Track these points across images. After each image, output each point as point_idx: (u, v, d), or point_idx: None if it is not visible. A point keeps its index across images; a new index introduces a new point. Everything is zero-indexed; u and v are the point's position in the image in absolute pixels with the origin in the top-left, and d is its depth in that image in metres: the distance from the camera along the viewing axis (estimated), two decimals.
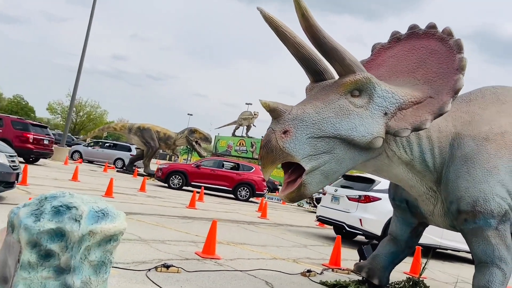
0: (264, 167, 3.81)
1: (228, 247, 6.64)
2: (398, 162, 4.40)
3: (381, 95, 4.00)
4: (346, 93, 3.91)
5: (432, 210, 4.80)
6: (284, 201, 4.01)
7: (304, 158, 3.73)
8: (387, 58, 4.82)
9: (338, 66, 3.96)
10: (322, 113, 3.83)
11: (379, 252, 5.39)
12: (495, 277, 4.28)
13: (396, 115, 4.05)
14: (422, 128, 3.94)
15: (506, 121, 4.68)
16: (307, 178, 3.79)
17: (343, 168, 4.00)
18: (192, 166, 17.27)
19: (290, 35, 3.88)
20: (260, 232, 8.98)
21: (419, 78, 4.36)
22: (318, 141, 3.78)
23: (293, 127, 3.72)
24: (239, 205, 14.95)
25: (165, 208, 10.23)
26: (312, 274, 5.65)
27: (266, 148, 3.73)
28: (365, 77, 3.93)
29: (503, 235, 4.36)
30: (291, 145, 3.68)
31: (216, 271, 4.92)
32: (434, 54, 4.34)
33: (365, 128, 3.89)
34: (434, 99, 4.08)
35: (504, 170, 4.41)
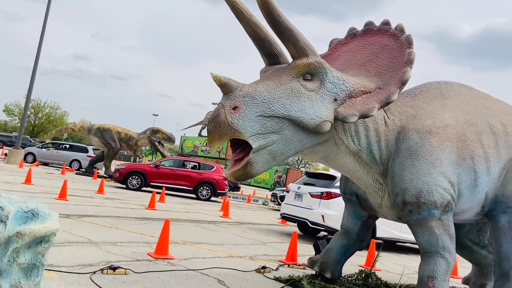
0: (211, 142, 3.77)
1: (184, 246, 6.53)
2: (345, 151, 4.46)
3: (332, 81, 4.07)
4: (298, 75, 3.95)
5: (380, 202, 4.90)
6: (229, 179, 3.98)
7: (252, 136, 3.73)
8: (342, 52, 4.91)
9: (292, 48, 3.99)
10: (273, 92, 3.84)
11: (331, 246, 5.45)
12: (439, 266, 4.40)
13: (345, 102, 4.13)
14: (369, 115, 4.02)
15: (448, 115, 4.84)
16: (254, 157, 3.78)
17: (291, 150, 4.02)
18: (151, 166, 16.90)
19: (246, 13, 3.85)
20: (219, 231, 8.91)
21: (371, 70, 4.46)
22: (267, 120, 3.78)
23: (243, 104, 3.71)
24: (201, 205, 14.81)
25: (123, 209, 9.98)
26: (267, 270, 5.64)
27: (214, 122, 3.70)
28: (317, 61, 3.99)
29: (446, 225, 4.49)
30: (240, 121, 3.67)
31: (167, 271, 4.82)
32: (386, 49, 4.45)
33: (314, 111, 3.93)
34: (383, 90, 4.18)
35: (447, 162, 4.55)
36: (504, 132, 5.00)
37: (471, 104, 5.10)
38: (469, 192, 4.71)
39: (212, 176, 17.08)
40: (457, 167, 4.61)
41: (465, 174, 4.66)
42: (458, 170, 4.62)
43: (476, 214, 4.98)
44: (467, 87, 5.45)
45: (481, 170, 4.74)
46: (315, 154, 4.49)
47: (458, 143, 4.68)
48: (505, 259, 4.87)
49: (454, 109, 4.95)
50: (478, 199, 4.81)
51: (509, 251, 4.83)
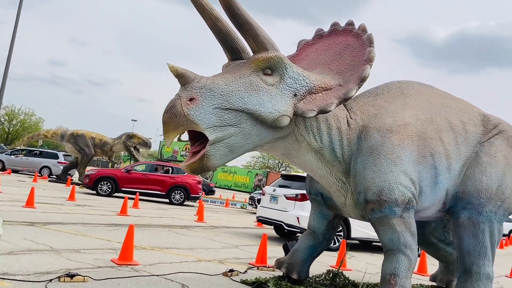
0: (166, 133, 3.72)
1: (152, 252, 6.42)
2: (307, 148, 4.46)
3: (292, 77, 4.09)
4: (257, 69, 3.95)
5: (344, 201, 4.91)
6: (185, 171, 3.95)
7: (209, 128, 3.70)
8: (309, 53, 4.94)
9: (251, 42, 3.99)
10: (231, 85, 3.83)
11: (298, 247, 5.43)
12: (401, 264, 4.43)
13: (306, 97, 4.14)
14: (327, 111, 4.04)
15: (409, 114, 4.89)
16: (210, 149, 3.75)
17: (249, 144, 4.00)
18: (122, 171, 16.55)
19: (207, 6, 3.83)
20: (191, 236, 8.80)
21: (333, 69, 4.50)
22: (225, 112, 3.77)
23: (200, 95, 3.69)
24: (177, 210, 14.64)
25: (93, 216, 9.76)
26: (234, 273, 5.58)
27: (170, 113, 3.65)
28: (277, 56, 3.99)
29: (408, 223, 4.53)
30: (196, 112, 3.64)
31: (129, 278, 4.70)
32: (349, 48, 4.50)
33: (273, 105, 3.93)
34: (343, 87, 4.22)
35: (407, 160, 4.60)
36: (464, 130, 5.09)
37: (431, 103, 5.18)
38: (430, 190, 4.77)
39: (185, 180, 16.86)
40: (418, 164, 4.67)
41: (426, 171, 4.71)
42: (419, 168, 4.67)
43: (437, 211, 5.04)
44: (428, 86, 5.53)
45: (442, 167, 4.81)
46: (276, 150, 4.48)
47: (418, 141, 4.74)
48: (467, 255, 4.95)
49: (414, 108, 5.02)
50: (439, 196, 4.87)
51: (470, 247, 4.90)
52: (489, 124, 5.26)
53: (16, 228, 6.84)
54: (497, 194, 4.91)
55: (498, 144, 5.17)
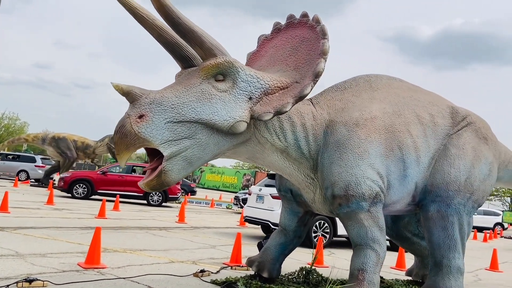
0: (119, 154, 3.61)
1: (123, 254, 6.28)
2: (271, 149, 4.38)
3: (246, 80, 3.97)
4: (208, 77, 3.83)
5: (313, 197, 4.84)
6: (144, 189, 3.82)
7: (163, 144, 3.59)
8: (268, 48, 4.84)
9: (198, 49, 3.87)
10: (182, 97, 3.71)
11: (269, 245, 5.35)
12: (369, 259, 4.37)
13: (262, 99, 4.03)
14: (283, 112, 3.93)
15: (376, 107, 4.84)
16: (167, 165, 3.64)
17: (208, 154, 3.90)
18: (98, 173, 16.26)
19: (148, 17, 3.70)
20: (168, 237, 8.67)
21: (290, 64, 4.40)
22: (178, 126, 3.65)
23: (149, 111, 3.57)
24: (158, 212, 14.48)
25: (69, 220, 9.57)
26: (205, 274, 5.48)
27: (120, 133, 3.54)
28: (227, 60, 3.87)
29: (376, 217, 4.48)
30: (148, 129, 3.52)
31: (93, 281, 4.57)
32: (305, 42, 4.39)
33: (227, 112, 3.82)
34: (299, 84, 4.11)
35: (375, 154, 4.54)
36: (432, 123, 5.06)
37: (400, 96, 5.14)
38: (398, 183, 4.73)
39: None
40: (385, 158, 4.62)
41: (394, 165, 4.67)
42: (387, 162, 4.62)
43: (407, 205, 5.00)
44: (397, 80, 5.49)
45: (410, 160, 4.77)
46: (239, 155, 4.38)
47: (386, 135, 4.69)
48: (437, 248, 4.92)
49: (382, 101, 4.97)
50: (408, 190, 4.83)
51: (440, 240, 4.87)
52: (458, 117, 5.24)
53: None
54: (465, 186, 4.89)
55: (467, 136, 5.15)
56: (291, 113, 4.44)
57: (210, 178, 51.86)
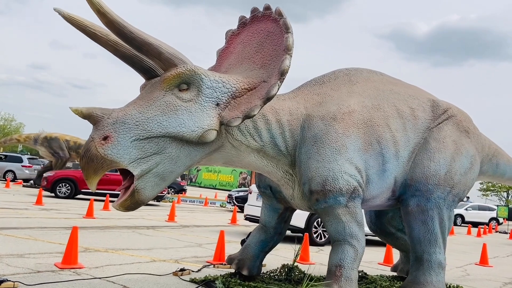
0: (88, 179, 3.55)
1: (104, 254, 6.19)
2: (247, 150, 4.28)
3: (210, 86, 3.85)
4: (171, 88, 3.72)
5: (292, 193, 4.76)
6: (120, 210, 3.76)
7: (132, 163, 3.53)
8: (236, 45, 4.70)
9: (157, 61, 3.76)
10: (146, 112, 3.62)
11: (249, 242, 5.27)
12: (346, 254, 4.30)
13: (230, 104, 3.92)
14: (252, 115, 3.81)
15: (355, 101, 4.76)
16: (139, 184, 3.59)
17: (180, 167, 3.82)
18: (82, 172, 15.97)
19: (101, 34, 3.60)
20: (155, 236, 8.59)
21: (257, 62, 4.27)
22: (145, 142, 3.57)
23: (113, 132, 3.48)
24: (150, 211, 14.39)
25: (56, 220, 9.47)
26: (185, 272, 5.39)
27: (86, 158, 3.47)
28: (188, 69, 3.75)
29: (354, 212, 4.40)
30: (114, 151, 3.45)
31: (67, 281, 4.48)
32: (270, 36, 4.24)
33: (194, 123, 3.72)
34: (267, 83, 3.97)
35: (353, 148, 4.46)
36: (412, 116, 4.98)
37: (379, 90, 5.06)
38: (378, 178, 4.65)
39: None
40: (364, 152, 4.54)
41: (372, 159, 4.59)
42: (365, 156, 4.55)
43: (387, 200, 4.93)
44: (378, 73, 5.41)
45: (389, 154, 4.70)
46: (215, 161, 4.30)
47: (364, 129, 4.61)
48: (417, 243, 4.85)
49: (361, 95, 4.89)
50: (388, 184, 4.76)
51: (420, 235, 4.81)
52: (439, 110, 5.17)
53: None
54: (445, 180, 4.82)
55: (447, 129, 5.08)
56: (264, 111, 4.33)
57: (206, 176, 51.76)
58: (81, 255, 5.89)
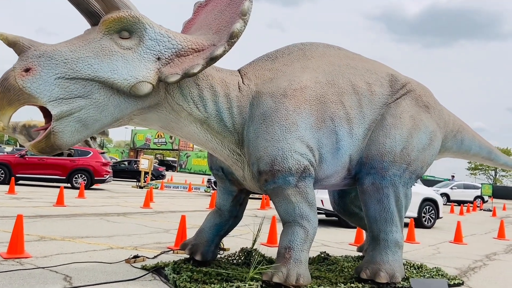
0: (1, 110, 3.26)
1: (58, 243, 5.97)
2: (189, 119, 4.05)
3: (154, 38, 3.65)
4: (110, 32, 3.50)
5: (243, 174, 4.55)
6: (32, 151, 3.48)
7: (52, 102, 3.28)
8: (201, 15, 4.52)
9: (100, 2, 3.51)
10: (78, 51, 3.39)
11: (204, 226, 5.07)
12: (296, 236, 4.12)
13: (173, 61, 3.71)
14: (191, 73, 3.60)
15: (308, 77, 4.52)
16: (57, 125, 3.32)
17: (107, 117, 3.56)
18: (16, 157, 15.73)
19: None
20: (123, 223, 8.38)
21: (213, 28, 4.08)
22: (71, 83, 3.34)
23: (37, 65, 3.25)
24: (128, 197, 14.18)
25: (23, 208, 9.20)
26: (140, 259, 5.19)
27: (2, 87, 3.20)
28: (131, 15, 3.53)
29: (304, 192, 4.21)
30: (34, 84, 3.22)
31: (4, 272, 4.26)
32: (231, 5, 4.05)
33: (129, 71, 3.50)
34: (216, 46, 3.76)
35: (304, 126, 4.25)
36: (369, 92, 4.76)
37: (335, 65, 4.82)
38: (331, 156, 4.46)
39: (88, 163, 15.95)
40: (316, 130, 4.33)
41: (325, 137, 4.39)
42: (318, 134, 4.34)
43: (343, 179, 4.74)
44: (335, 48, 5.16)
45: (343, 132, 4.49)
46: (150, 122, 4.06)
47: (317, 106, 4.39)
48: (373, 222, 4.70)
49: (315, 70, 4.65)
50: (342, 163, 4.56)
51: (376, 214, 4.65)
52: (397, 84, 4.95)
53: None
54: (401, 156, 4.63)
55: (405, 104, 4.88)
56: (214, 82, 4.12)
57: (196, 162, 51.54)
58: (33, 244, 5.68)
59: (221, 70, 4.33)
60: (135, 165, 24.74)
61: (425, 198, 11.68)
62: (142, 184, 20.05)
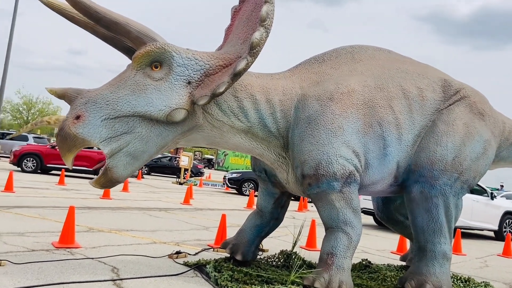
0: (63, 156, 3.70)
1: (106, 235, 6.21)
2: (232, 131, 4.10)
3: (182, 64, 3.76)
4: (142, 67, 3.70)
5: (286, 177, 4.54)
6: (97, 188, 3.89)
7: (102, 142, 3.61)
8: (236, 21, 4.53)
9: (128, 41, 3.74)
10: (117, 92, 3.65)
11: (245, 227, 5.11)
12: (339, 242, 4.06)
13: (203, 82, 3.80)
14: (218, 93, 3.65)
15: (356, 80, 4.44)
16: (110, 162, 3.67)
17: (152, 147, 3.79)
18: (47, 147, 16.48)
19: (79, 16, 3.68)
20: (165, 218, 8.60)
21: (241, 37, 4.12)
22: (115, 121, 3.62)
23: (85, 111, 3.58)
24: (169, 193, 14.53)
25: (72, 200, 9.65)
26: (182, 255, 5.31)
27: (60, 136, 3.62)
28: (157, 47, 3.69)
29: (349, 198, 4.14)
30: (85, 129, 3.56)
31: (57, 261, 4.48)
32: (256, 9, 4.04)
33: (162, 101, 3.67)
34: (239, 60, 3.75)
35: (351, 131, 4.18)
36: (420, 97, 4.61)
37: (385, 68, 4.71)
38: (378, 162, 4.35)
39: None
40: (363, 135, 4.25)
41: (372, 142, 4.29)
42: (365, 139, 4.25)
43: (389, 186, 4.62)
44: (385, 51, 5.04)
45: (391, 137, 4.38)
46: (195, 141, 4.19)
47: (364, 110, 4.31)
48: (421, 232, 4.54)
49: (363, 74, 4.56)
50: (389, 169, 4.45)
51: (424, 223, 4.49)
52: (450, 90, 4.76)
53: None
54: (453, 165, 4.45)
55: (459, 111, 4.68)
56: (253, 90, 4.13)
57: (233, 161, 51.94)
58: (83, 235, 5.94)
59: (260, 76, 4.32)
60: (175, 162, 25.30)
61: (507, 211, 11.74)
62: (182, 181, 20.49)
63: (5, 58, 22.49)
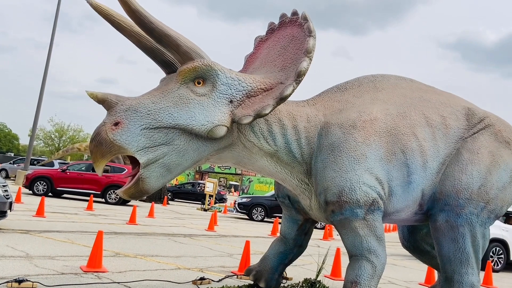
0: (95, 162, 3.61)
1: (131, 260, 6.33)
2: (260, 153, 4.20)
3: (226, 83, 3.86)
4: (187, 81, 3.77)
5: (309, 204, 4.58)
6: (123, 197, 3.79)
7: (139, 151, 3.55)
8: (262, 50, 4.75)
9: (175, 54, 3.83)
10: (159, 103, 3.67)
11: (268, 253, 5.12)
12: (363, 271, 4.03)
13: (244, 102, 3.90)
14: (263, 114, 3.76)
15: (378, 108, 4.51)
16: (144, 172, 3.60)
17: (188, 161, 3.80)
18: (58, 171, 16.91)
19: (126, 24, 3.76)
20: (189, 244, 8.67)
21: (278, 65, 4.27)
22: (154, 132, 3.60)
23: (125, 118, 3.55)
24: (193, 220, 14.62)
25: (100, 225, 9.87)
26: (206, 282, 5.36)
27: (95, 141, 3.54)
28: (204, 64, 3.79)
29: (372, 226, 4.13)
30: (123, 137, 3.51)
31: (85, 284, 4.61)
32: (294, 41, 4.24)
33: (205, 117, 3.72)
34: (283, 85, 3.93)
35: (374, 158, 4.22)
36: (443, 125, 4.62)
37: (406, 97, 4.76)
38: (402, 190, 4.35)
39: (121, 179, 16.25)
40: (386, 162, 4.27)
41: (396, 170, 4.30)
42: (388, 166, 4.27)
43: (414, 214, 4.58)
44: (407, 80, 5.11)
45: (416, 165, 4.38)
46: (225, 160, 4.25)
47: (387, 138, 4.35)
48: (447, 262, 4.45)
49: (386, 102, 4.63)
50: (414, 197, 4.42)
51: (450, 253, 4.41)
52: (474, 118, 4.75)
53: (7, 236, 7.01)
54: (479, 194, 4.39)
55: (483, 139, 4.65)
56: (281, 116, 4.26)
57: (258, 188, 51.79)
58: (109, 260, 6.07)
59: (287, 102, 4.45)
60: (199, 188, 25.49)
61: (493, 238, 10.89)
62: (207, 207, 20.58)
63: (40, 88, 23.62)
